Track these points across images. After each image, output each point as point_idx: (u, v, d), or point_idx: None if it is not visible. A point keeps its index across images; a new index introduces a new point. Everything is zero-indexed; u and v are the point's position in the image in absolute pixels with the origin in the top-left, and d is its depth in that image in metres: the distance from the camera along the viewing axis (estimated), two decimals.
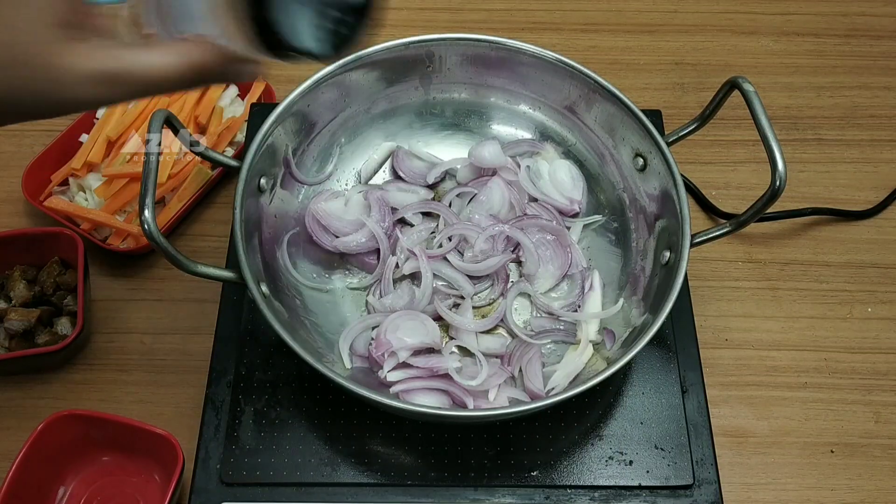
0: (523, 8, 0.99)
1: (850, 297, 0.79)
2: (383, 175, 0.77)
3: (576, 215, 0.74)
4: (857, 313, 0.78)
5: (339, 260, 0.72)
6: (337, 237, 0.70)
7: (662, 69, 0.95)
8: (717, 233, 0.63)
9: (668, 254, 0.64)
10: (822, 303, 0.79)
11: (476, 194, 0.73)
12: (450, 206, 0.73)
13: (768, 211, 0.60)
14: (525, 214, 0.72)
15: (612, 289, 0.70)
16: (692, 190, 0.84)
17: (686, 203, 0.63)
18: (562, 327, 0.68)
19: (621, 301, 0.68)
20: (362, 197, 0.72)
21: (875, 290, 0.79)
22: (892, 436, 0.72)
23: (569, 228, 0.73)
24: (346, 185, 0.76)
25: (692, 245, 0.61)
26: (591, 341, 0.66)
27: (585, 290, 0.69)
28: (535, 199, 0.74)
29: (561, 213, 0.73)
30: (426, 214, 0.74)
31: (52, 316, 0.73)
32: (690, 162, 0.86)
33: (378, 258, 0.70)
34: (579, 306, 0.69)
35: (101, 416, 0.64)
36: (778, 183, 0.57)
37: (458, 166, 0.75)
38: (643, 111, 0.67)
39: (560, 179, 0.74)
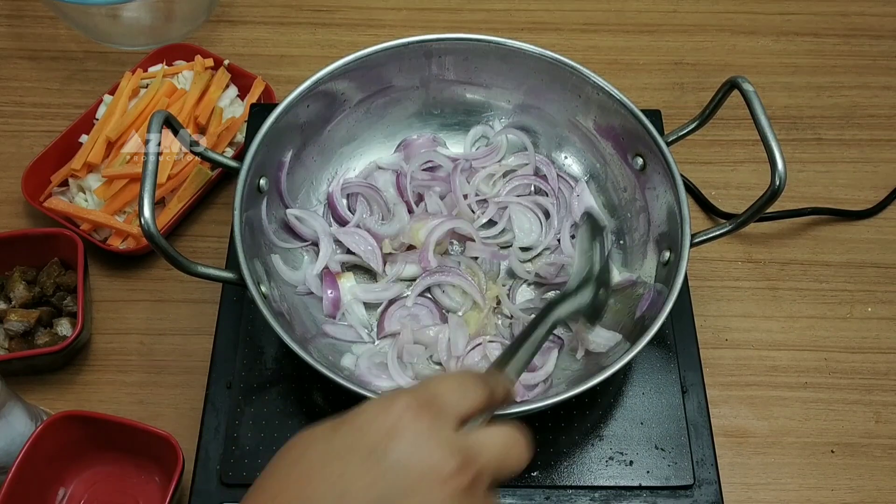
0: (523, 8, 0.99)
1: (849, 297, 0.79)
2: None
3: None
4: (857, 313, 0.78)
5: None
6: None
7: (662, 69, 0.95)
8: (717, 232, 0.63)
9: (667, 254, 0.64)
10: (822, 303, 0.79)
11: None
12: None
13: (768, 211, 0.60)
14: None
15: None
16: (692, 190, 0.84)
17: (686, 203, 0.63)
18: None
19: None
20: None
21: (875, 289, 0.79)
22: (893, 436, 0.72)
23: None
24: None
25: (692, 245, 0.61)
26: None
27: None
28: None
29: None
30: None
31: (51, 317, 0.73)
32: (690, 162, 0.86)
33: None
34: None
35: (101, 417, 0.64)
36: (778, 183, 0.57)
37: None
38: (643, 111, 0.67)
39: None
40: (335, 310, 0.68)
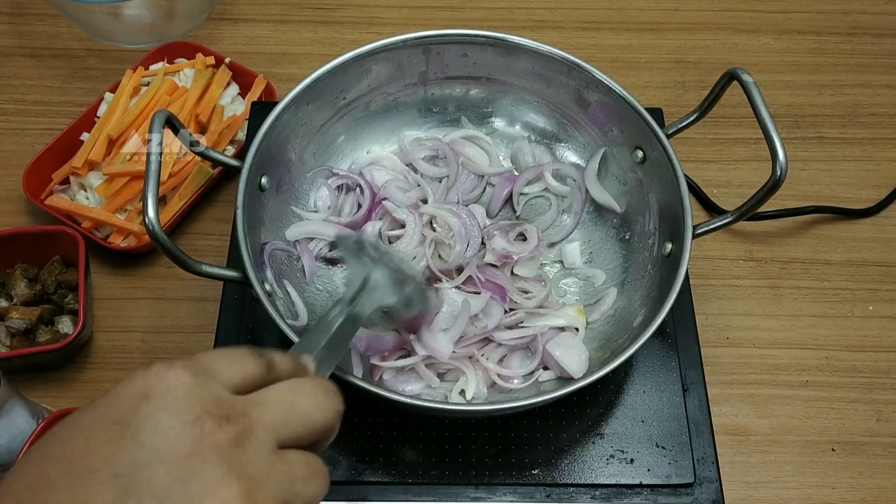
0: (524, 6, 0.99)
1: (851, 296, 0.79)
2: None
3: None
4: (859, 312, 0.78)
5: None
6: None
7: (664, 67, 0.95)
8: (720, 223, 0.63)
9: (669, 245, 0.64)
10: (823, 301, 0.79)
11: None
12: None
13: (770, 209, 0.60)
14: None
15: (613, 284, 0.70)
16: (694, 188, 0.84)
17: (687, 193, 0.63)
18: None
19: (615, 290, 0.69)
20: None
21: (876, 288, 0.79)
22: (894, 434, 0.72)
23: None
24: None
25: (694, 236, 0.61)
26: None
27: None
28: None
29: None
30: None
31: (53, 314, 0.73)
32: (692, 160, 0.86)
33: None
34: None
35: None
36: (779, 173, 0.57)
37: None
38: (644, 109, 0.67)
39: None
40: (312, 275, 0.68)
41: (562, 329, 0.66)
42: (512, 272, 0.70)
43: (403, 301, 0.58)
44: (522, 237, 0.71)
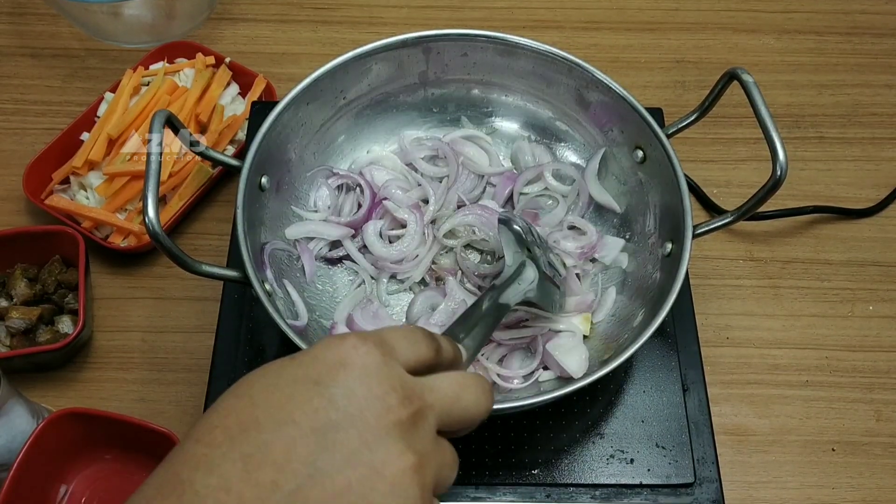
0: (524, 6, 0.99)
1: (851, 296, 0.79)
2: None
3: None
4: (859, 311, 0.78)
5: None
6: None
7: (664, 67, 0.95)
8: (720, 223, 0.63)
9: (669, 245, 0.64)
10: (823, 301, 0.79)
11: None
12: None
13: (770, 209, 0.60)
14: None
15: (613, 284, 0.70)
16: (694, 188, 0.84)
17: (687, 193, 0.63)
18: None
19: (614, 290, 0.68)
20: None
21: (876, 288, 0.79)
22: (894, 434, 0.72)
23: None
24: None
25: (694, 236, 0.61)
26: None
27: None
28: None
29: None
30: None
31: (53, 314, 0.73)
32: (692, 160, 0.86)
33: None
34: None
35: (103, 415, 0.64)
36: (779, 173, 0.57)
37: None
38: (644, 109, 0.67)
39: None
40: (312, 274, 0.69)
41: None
42: None
43: (544, 299, 0.59)
44: (578, 230, 0.72)
